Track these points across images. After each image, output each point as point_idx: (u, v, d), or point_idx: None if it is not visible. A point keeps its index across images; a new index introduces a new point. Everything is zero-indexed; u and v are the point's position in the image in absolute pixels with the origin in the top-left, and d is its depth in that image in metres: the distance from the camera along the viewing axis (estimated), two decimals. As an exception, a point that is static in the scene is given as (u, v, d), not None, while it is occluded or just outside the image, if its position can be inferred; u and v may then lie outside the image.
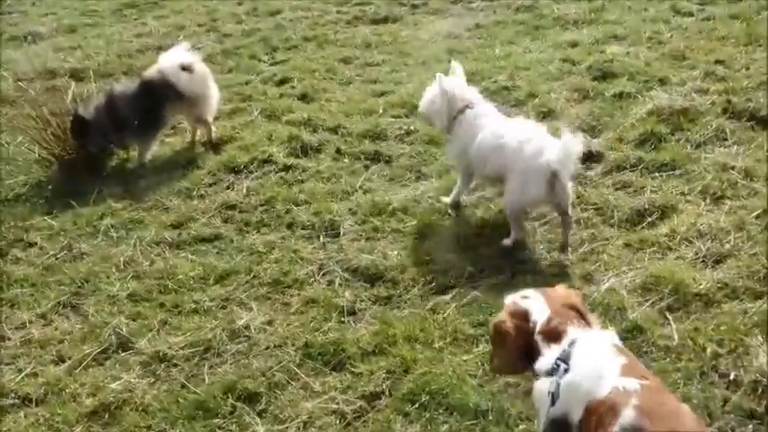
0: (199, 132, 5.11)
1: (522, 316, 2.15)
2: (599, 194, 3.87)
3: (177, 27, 7.51)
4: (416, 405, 2.64)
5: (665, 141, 4.31)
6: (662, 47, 5.82)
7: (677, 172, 3.99)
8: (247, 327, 3.14)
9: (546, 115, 4.86)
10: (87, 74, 6.33)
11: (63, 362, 3.07)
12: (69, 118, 4.79)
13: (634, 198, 3.80)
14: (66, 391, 2.88)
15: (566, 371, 1.96)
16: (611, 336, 2.09)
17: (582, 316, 2.14)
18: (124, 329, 3.18)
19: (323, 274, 3.49)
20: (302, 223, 3.92)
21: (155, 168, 4.78)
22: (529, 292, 2.23)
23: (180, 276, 3.53)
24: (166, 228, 4.01)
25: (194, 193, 4.37)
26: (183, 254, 3.76)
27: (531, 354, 2.09)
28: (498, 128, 3.59)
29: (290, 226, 3.93)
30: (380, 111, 5.22)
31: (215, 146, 4.97)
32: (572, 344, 2.02)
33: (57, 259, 3.83)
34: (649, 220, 3.61)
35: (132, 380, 2.91)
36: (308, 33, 7.08)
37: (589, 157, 4.24)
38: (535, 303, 2.16)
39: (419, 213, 3.88)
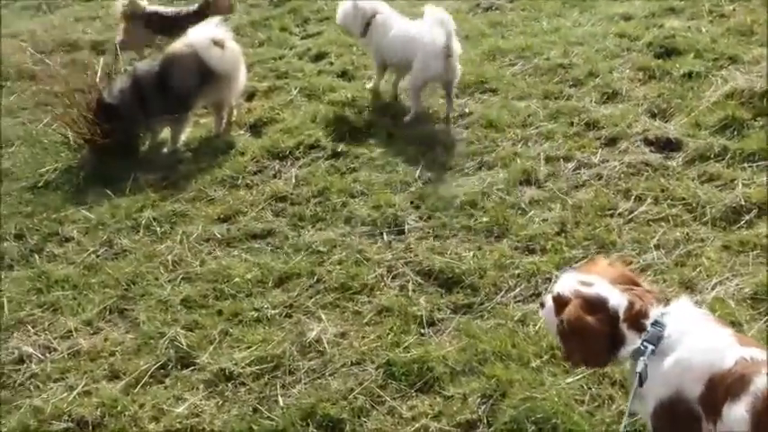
0: (234, 112, 4.76)
1: (600, 306, 1.99)
2: (685, 188, 3.55)
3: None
4: (522, 437, 2.37)
5: (748, 128, 3.96)
6: (725, 21, 5.40)
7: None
8: (319, 340, 2.86)
9: (610, 97, 4.51)
10: (109, 46, 5.97)
11: (118, 378, 2.80)
12: (95, 101, 4.44)
13: (725, 193, 3.48)
14: (126, 414, 2.62)
15: (653, 351, 1.89)
16: (694, 307, 2.04)
17: (646, 288, 2.07)
18: (183, 341, 2.89)
19: (392, 278, 3.20)
20: (362, 218, 3.61)
21: (192, 153, 4.46)
22: (581, 276, 2.07)
23: (236, 279, 3.24)
24: (213, 222, 3.71)
25: (239, 182, 4.06)
26: (236, 252, 3.47)
27: (617, 343, 1.99)
28: (403, 27, 4.66)
29: (348, 221, 3.62)
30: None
31: (254, 128, 4.63)
32: (657, 323, 1.93)
33: (98, 257, 3.54)
34: (747, 218, 3.30)
35: (198, 402, 2.64)
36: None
37: (667, 145, 3.93)
38: (605, 289, 2.00)
39: (491, 208, 3.56)
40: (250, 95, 5.02)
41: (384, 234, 3.49)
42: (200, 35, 4.38)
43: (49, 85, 5.18)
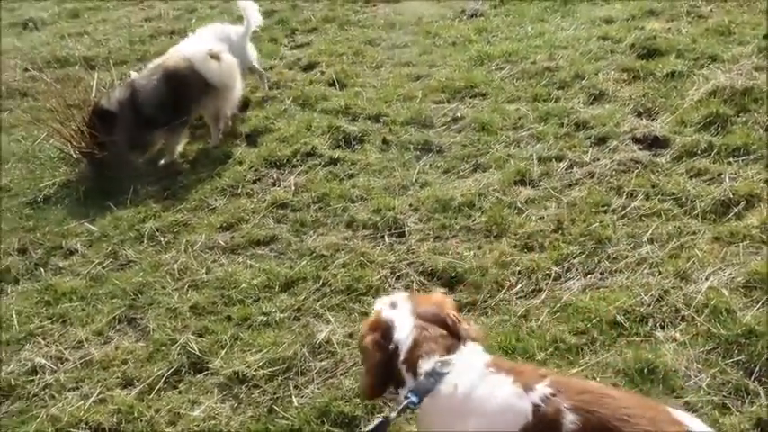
0: (229, 123, 4.82)
1: (384, 331, 1.89)
2: (675, 183, 3.67)
3: (188, 9, 7.15)
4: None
5: (732, 124, 4.11)
6: (704, 21, 5.58)
7: (752, 157, 3.80)
8: (329, 341, 2.92)
9: (597, 98, 4.64)
10: (98, 61, 6.01)
11: (131, 385, 2.84)
12: (89, 112, 4.47)
13: (714, 186, 3.60)
14: (142, 419, 2.66)
15: (416, 404, 1.77)
16: (480, 355, 1.87)
17: (454, 328, 1.92)
18: (194, 347, 2.94)
19: (396, 279, 3.28)
20: (363, 222, 3.68)
21: (190, 164, 4.51)
22: (399, 297, 1.98)
23: (243, 285, 3.29)
24: (216, 230, 3.76)
25: (239, 190, 4.11)
26: (241, 259, 3.52)
27: (394, 378, 1.87)
28: None
29: (349, 225, 3.70)
30: (420, 96, 4.97)
31: (250, 138, 4.69)
32: (432, 373, 1.80)
33: (103, 268, 3.58)
34: (735, 210, 3.42)
35: (213, 405, 2.69)
36: (327, 14, 6.76)
37: (655, 143, 4.05)
38: (401, 316, 1.89)
39: (488, 209, 3.65)
40: (244, 106, 5.08)
41: (385, 237, 3.57)
42: (196, 49, 4.44)
43: (42, 101, 5.21)
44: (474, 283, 3.16)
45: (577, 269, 3.19)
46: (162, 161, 4.61)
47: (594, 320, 2.84)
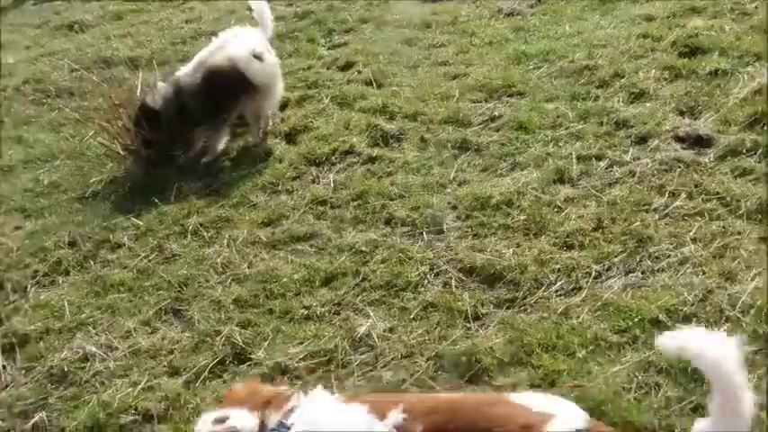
0: (270, 122, 4.90)
1: None
2: (719, 183, 3.62)
3: (227, 11, 7.26)
4: (572, 423, 2.44)
5: (778, 123, 4.03)
6: (748, 19, 5.47)
7: (800, 157, 3.72)
8: (369, 335, 2.97)
9: (637, 96, 4.59)
10: (142, 62, 6.15)
11: (178, 374, 2.93)
12: (135, 109, 4.60)
13: (759, 187, 3.54)
14: (189, 407, 2.74)
15: None
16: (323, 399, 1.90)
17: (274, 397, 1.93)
18: (238, 338, 3.02)
19: (435, 275, 3.30)
20: (401, 219, 3.72)
21: (232, 162, 4.60)
22: (217, 413, 1.94)
23: (284, 279, 3.36)
24: (258, 226, 3.84)
25: (279, 187, 4.19)
26: (281, 254, 3.59)
27: None
28: None
29: (388, 222, 3.74)
30: (457, 95, 4.98)
31: (289, 136, 4.77)
32: (279, 427, 1.83)
33: (149, 261, 3.68)
34: (781, 211, 3.35)
35: (257, 394, 2.74)
36: (364, 14, 6.80)
37: (698, 142, 4.00)
38: (237, 418, 1.88)
39: (527, 207, 3.65)
40: (283, 105, 5.16)
41: (424, 234, 3.60)
42: (240, 48, 4.53)
43: (89, 100, 5.37)
44: (513, 281, 3.17)
45: (618, 268, 3.17)
46: (204, 159, 4.71)
47: (636, 319, 2.83)
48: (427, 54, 5.80)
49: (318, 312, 3.14)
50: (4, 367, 3.16)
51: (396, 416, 1.75)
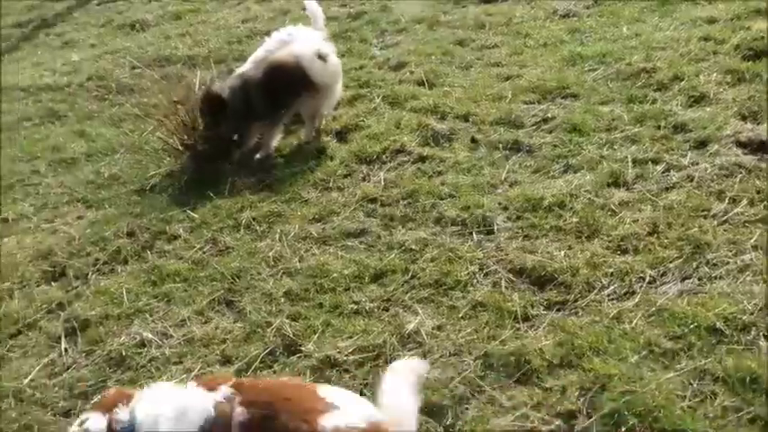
0: (323, 120, 4.97)
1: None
2: (785, 191, 3.49)
3: (282, 11, 7.40)
4: (623, 429, 2.41)
5: None
6: (817, 22, 5.26)
7: None
8: (417, 332, 2.98)
9: (697, 100, 4.47)
10: (199, 60, 6.32)
11: (230, 363, 3.00)
12: (202, 97, 4.68)
13: (825, 195, 3.41)
14: (240, 395, 2.79)
15: None
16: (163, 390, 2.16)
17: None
18: (288, 330, 3.07)
19: (485, 275, 3.29)
20: (451, 219, 3.72)
21: (284, 159, 4.68)
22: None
23: (334, 274, 3.40)
24: (309, 222, 3.90)
25: (330, 184, 4.24)
26: (332, 250, 3.63)
27: None
28: None
29: (437, 221, 3.74)
30: (509, 96, 4.94)
31: (341, 135, 4.83)
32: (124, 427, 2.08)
33: (204, 253, 3.78)
34: None
35: (306, 386, 2.78)
36: (417, 15, 6.82)
37: (761, 147, 3.87)
38: (93, 422, 2.11)
39: (579, 209, 3.60)
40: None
41: (474, 234, 3.59)
42: (305, 47, 4.60)
43: (148, 97, 5.56)
44: (564, 283, 3.13)
45: (674, 274, 3.09)
46: (258, 155, 4.81)
47: (692, 326, 2.76)
48: (480, 55, 5.78)
49: (367, 308, 3.16)
50: (66, 350, 3.30)
51: (225, 390, 2.07)
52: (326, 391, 2.09)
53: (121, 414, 2.07)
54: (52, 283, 3.77)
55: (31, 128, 5.77)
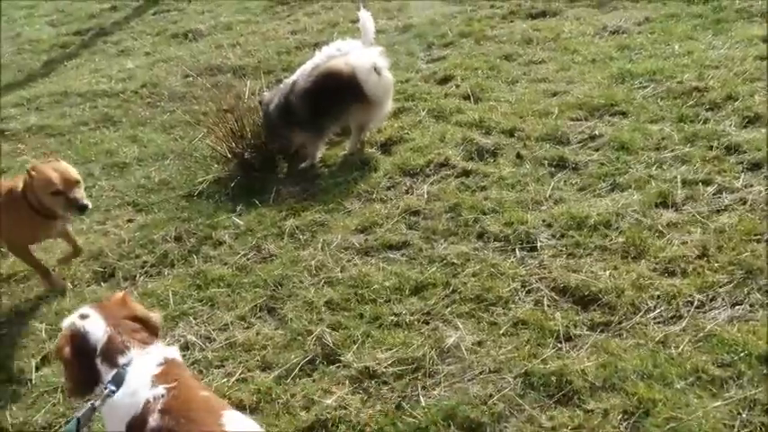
0: (368, 133, 5.01)
1: (81, 338, 2.15)
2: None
3: (330, 24, 7.50)
4: (668, 456, 2.35)
5: None
6: None
7: None
8: (457, 346, 2.96)
9: (751, 121, 4.35)
10: (248, 70, 6.46)
11: (270, 369, 3.04)
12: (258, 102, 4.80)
13: None
14: (279, 401, 2.84)
15: (112, 392, 2.03)
16: (165, 350, 2.16)
17: (144, 323, 2.21)
18: (329, 339, 3.10)
19: (527, 293, 3.26)
20: (494, 234, 3.70)
21: (328, 169, 4.73)
22: (87, 309, 2.23)
23: (375, 286, 3.42)
24: (351, 232, 3.93)
25: (374, 196, 4.27)
26: (373, 261, 3.65)
27: (95, 376, 2.12)
28: None
29: (480, 236, 3.72)
30: (556, 112, 4.90)
31: (385, 147, 4.86)
32: (128, 363, 2.08)
33: (247, 260, 3.85)
34: None
35: (344, 396, 2.81)
36: (464, 29, 6.83)
37: (819, 171, 3.74)
38: (93, 323, 2.16)
39: (626, 229, 3.54)
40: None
41: (517, 250, 3.56)
42: (362, 58, 4.63)
43: (198, 105, 5.70)
44: (608, 304, 3.08)
45: (724, 299, 3.01)
46: (302, 165, 4.87)
47: (742, 354, 2.68)
48: (527, 70, 5.75)
49: (407, 320, 3.17)
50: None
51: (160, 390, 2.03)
52: (231, 415, 2.01)
53: (131, 352, 2.12)
54: (102, 284, 3.88)
55: (86, 132, 5.97)
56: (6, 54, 8.35)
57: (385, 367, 2.91)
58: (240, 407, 2.84)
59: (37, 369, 3.26)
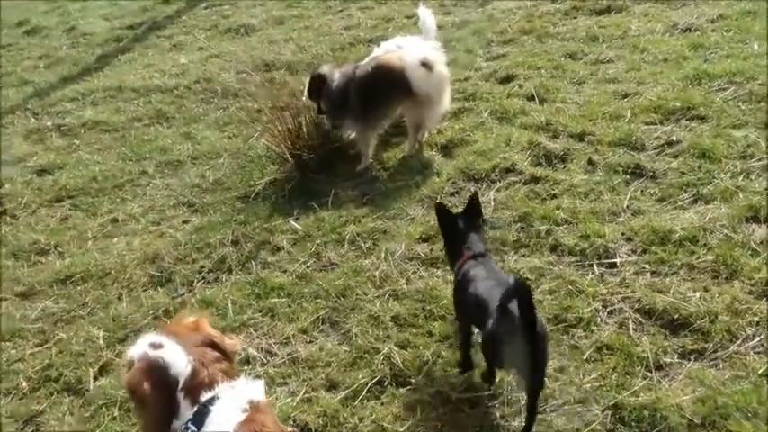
0: (426, 133, 4.81)
1: (161, 371, 1.93)
2: None
3: (385, 19, 7.32)
4: None
5: None
6: None
7: None
8: (537, 372, 2.74)
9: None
10: (302, 67, 6.32)
11: (335, 388, 2.89)
12: (312, 75, 4.72)
13: None
14: (347, 425, 2.69)
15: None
16: (251, 389, 1.95)
17: (221, 350, 2.02)
18: (397, 358, 2.93)
19: (609, 314, 3.03)
20: (569, 247, 3.47)
21: (387, 172, 4.56)
22: (158, 337, 1.99)
23: (443, 301, 3.23)
24: (415, 241, 3.75)
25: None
26: (439, 273, 3.47)
27: (174, 411, 1.92)
28: None
29: (554, 249, 3.50)
30: (628, 115, 4.63)
31: (446, 149, 4.66)
32: (211, 401, 1.88)
33: (307, 267, 3.71)
34: None
35: (418, 423, 2.64)
36: (524, 25, 6.56)
37: None
38: (172, 353, 1.93)
39: (715, 246, 3.28)
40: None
41: (595, 266, 3.33)
42: (413, 53, 4.47)
43: (252, 102, 5.58)
44: (701, 330, 2.83)
45: (833, 328, 2.74)
46: (358, 167, 4.71)
47: None
48: (594, 70, 5.47)
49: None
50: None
51: None
52: None
53: (218, 387, 1.95)
54: (159, 289, 3.79)
55: (140, 128, 5.93)
56: (63, 47, 8.41)
57: (459, 393, 2.73)
58: (305, 428, 2.71)
59: (95, 379, 3.17)
